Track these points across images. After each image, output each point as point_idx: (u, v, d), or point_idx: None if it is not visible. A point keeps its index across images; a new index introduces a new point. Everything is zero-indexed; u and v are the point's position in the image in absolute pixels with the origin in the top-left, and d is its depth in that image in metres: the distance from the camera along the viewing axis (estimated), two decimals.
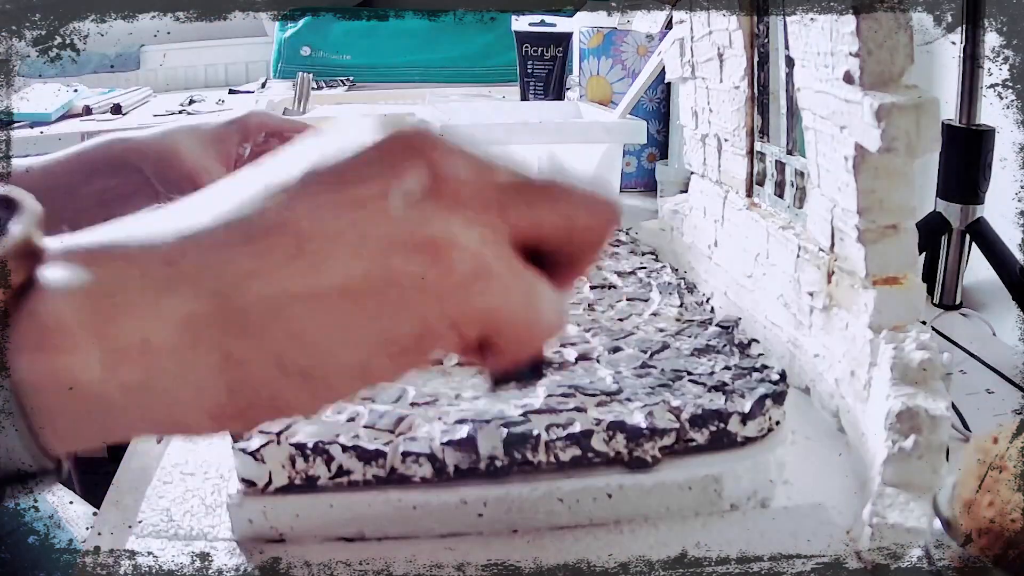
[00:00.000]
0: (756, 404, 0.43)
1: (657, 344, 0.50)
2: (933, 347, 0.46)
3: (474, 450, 0.41)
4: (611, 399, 0.44)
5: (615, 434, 0.42)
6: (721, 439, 0.43)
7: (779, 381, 0.45)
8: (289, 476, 0.41)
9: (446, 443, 0.41)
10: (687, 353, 0.49)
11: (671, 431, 0.42)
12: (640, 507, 0.42)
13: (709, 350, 0.49)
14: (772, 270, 0.62)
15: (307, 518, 0.41)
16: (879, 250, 0.48)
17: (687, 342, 0.50)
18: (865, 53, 0.45)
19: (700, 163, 0.77)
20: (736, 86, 0.67)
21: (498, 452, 0.41)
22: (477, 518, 0.41)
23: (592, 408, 0.43)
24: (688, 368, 0.47)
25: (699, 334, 0.52)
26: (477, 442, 0.41)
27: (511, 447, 0.41)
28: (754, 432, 0.43)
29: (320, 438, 0.41)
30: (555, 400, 0.44)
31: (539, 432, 0.41)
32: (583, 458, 0.42)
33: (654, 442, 0.42)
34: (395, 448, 0.41)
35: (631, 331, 0.52)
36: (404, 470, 0.41)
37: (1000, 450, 0.39)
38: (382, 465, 0.40)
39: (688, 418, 0.42)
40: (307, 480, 0.41)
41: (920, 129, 0.44)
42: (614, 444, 0.42)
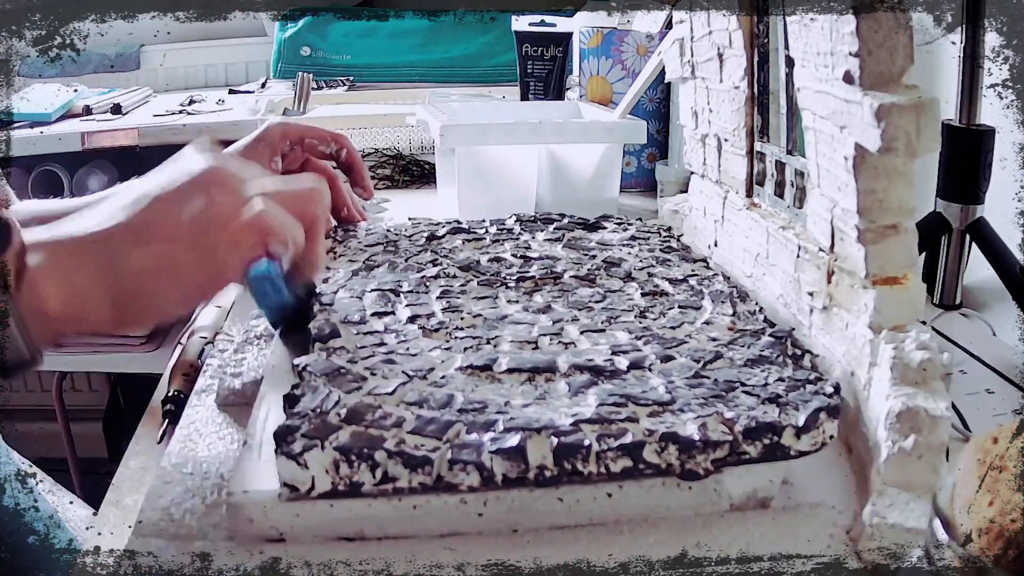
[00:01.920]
0: (811, 417, 0.42)
1: (710, 354, 0.49)
2: (933, 347, 0.46)
3: (523, 459, 0.40)
4: (663, 409, 0.43)
5: (667, 446, 0.41)
6: (774, 452, 0.42)
7: (833, 394, 0.44)
8: (332, 481, 0.40)
9: (495, 451, 0.40)
10: (740, 363, 0.48)
11: (724, 443, 0.41)
12: (640, 507, 0.42)
13: (762, 360, 0.48)
14: (772, 270, 0.62)
15: (307, 518, 0.40)
16: (879, 250, 0.48)
17: (740, 352, 0.49)
18: (865, 53, 0.45)
19: (700, 163, 0.77)
20: (736, 86, 0.67)
21: (548, 462, 0.40)
22: (477, 518, 0.41)
23: (644, 418, 0.42)
24: (741, 379, 0.46)
25: (752, 344, 0.50)
26: (527, 451, 0.40)
27: (561, 457, 0.40)
28: (807, 446, 0.42)
29: (365, 444, 0.40)
30: (607, 410, 0.43)
31: (590, 442, 0.40)
32: (634, 469, 0.41)
33: (707, 454, 0.41)
34: (442, 456, 0.40)
35: (683, 340, 0.51)
36: (451, 478, 0.40)
37: (1000, 450, 0.39)
38: (428, 473, 0.40)
39: (741, 431, 0.41)
40: (351, 486, 0.40)
41: (920, 129, 0.44)
42: (666, 456, 0.41)
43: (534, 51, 1.24)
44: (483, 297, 0.59)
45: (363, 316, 0.54)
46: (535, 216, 0.76)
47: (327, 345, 0.50)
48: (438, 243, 0.69)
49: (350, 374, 0.46)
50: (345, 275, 0.62)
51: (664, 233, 0.73)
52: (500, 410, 0.43)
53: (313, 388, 0.45)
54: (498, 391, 0.45)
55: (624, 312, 0.56)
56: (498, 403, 0.44)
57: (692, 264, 0.65)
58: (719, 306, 0.56)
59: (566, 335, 0.52)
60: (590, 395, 0.44)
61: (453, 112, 1.05)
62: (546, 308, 0.57)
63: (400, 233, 0.72)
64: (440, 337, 0.52)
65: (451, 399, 0.44)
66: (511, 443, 0.40)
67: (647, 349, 0.50)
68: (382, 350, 0.50)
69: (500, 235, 0.71)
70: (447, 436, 0.41)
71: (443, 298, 0.58)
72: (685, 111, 0.78)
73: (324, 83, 1.73)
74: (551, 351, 0.50)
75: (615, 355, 0.49)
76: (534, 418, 0.42)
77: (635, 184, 1.14)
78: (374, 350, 0.50)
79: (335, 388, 0.45)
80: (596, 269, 0.63)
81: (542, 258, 0.66)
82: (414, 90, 1.65)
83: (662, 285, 0.60)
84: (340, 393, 0.44)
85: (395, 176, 1.21)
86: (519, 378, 0.47)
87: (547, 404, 0.44)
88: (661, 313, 0.56)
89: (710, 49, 0.70)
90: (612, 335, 0.52)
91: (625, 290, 0.60)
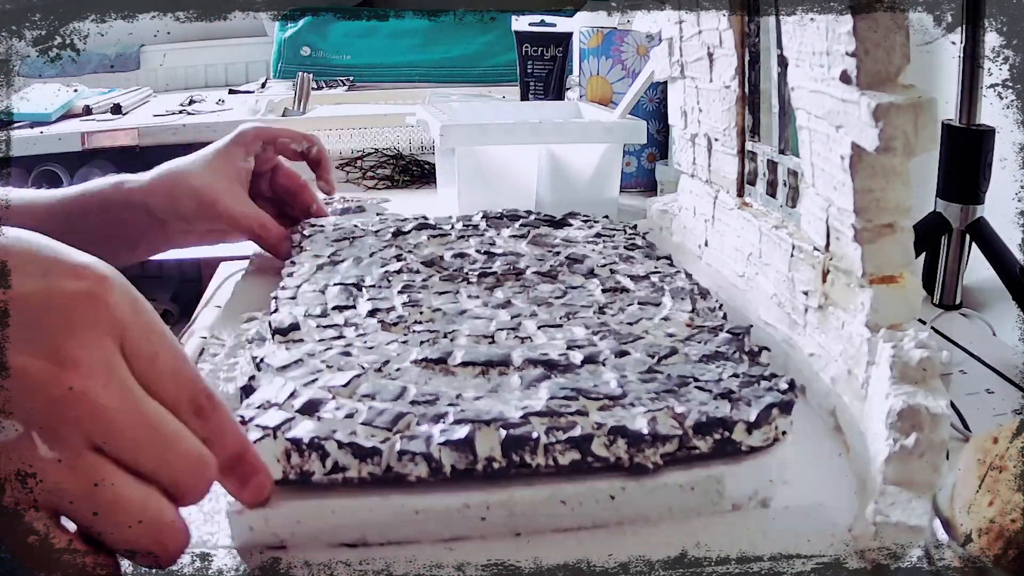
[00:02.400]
0: (762, 413, 0.42)
1: (665, 349, 0.49)
2: (932, 345, 0.46)
3: (472, 451, 0.40)
4: (614, 403, 0.43)
5: (616, 439, 0.41)
6: (725, 447, 0.42)
7: (788, 390, 0.44)
8: (284, 471, 0.40)
9: (443, 443, 0.40)
10: (695, 359, 0.48)
11: (674, 438, 0.41)
12: (642, 508, 0.42)
13: (718, 357, 0.48)
14: (765, 269, 0.62)
15: (308, 524, 0.40)
16: (876, 249, 0.48)
17: (696, 348, 0.49)
18: (862, 53, 0.45)
19: (689, 163, 0.77)
20: (727, 85, 0.67)
21: (496, 454, 0.40)
22: (480, 522, 0.41)
23: (594, 412, 0.42)
24: (695, 374, 0.46)
25: (709, 340, 0.51)
26: (475, 443, 0.40)
27: (509, 449, 0.40)
28: (759, 442, 0.42)
29: (317, 434, 0.40)
30: (557, 403, 0.43)
31: (538, 435, 0.40)
32: (583, 462, 0.41)
33: (656, 448, 0.41)
34: (391, 446, 0.40)
35: (640, 335, 0.52)
36: (400, 469, 0.40)
37: (1000, 450, 0.39)
38: (378, 463, 0.40)
39: (692, 425, 0.41)
40: (302, 475, 0.40)
41: (918, 128, 0.44)
42: (615, 449, 0.41)
43: (534, 51, 1.24)
44: (444, 292, 0.59)
45: (324, 309, 0.55)
46: (501, 213, 0.77)
47: (287, 337, 0.51)
48: (404, 239, 0.70)
49: (306, 366, 0.47)
50: (310, 269, 0.63)
51: (630, 231, 0.73)
52: (452, 402, 0.43)
53: (269, 380, 0.45)
54: (451, 384, 0.46)
55: (583, 308, 0.56)
56: (450, 396, 0.44)
57: (655, 261, 0.66)
58: (679, 303, 0.57)
59: (523, 330, 0.53)
60: (542, 388, 0.44)
61: (453, 112, 1.05)
62: (506, 303, 0.57)
63: (367, 229, 0.73)
64: (398, 331, 0.53)
65: (404, 391, 0.44)
66: (459, 435, 0.40)
67: (603, 344, 0.50)
68: (340, 343, 0.50)
69: (466, 231, 0.72)
70: (397, 427, 0.41)
71: (404, 292, 0.58)
72: (674, 111, 0.78)
73: (324, 83, 1.73)
74: (507, 345, 0.50)
75: (570, 350, 0.49)
76: (484, 410, 0.42)
77: (635, 184, 1.14)
78: (332, 343, 0.50)
79: (291, 380, 0.45)
80: (559, 265, 0.64)
81: (506, 254, 0.66)
82: (414, 90, 1.65)
83: (623, 282, 0.61)
84: (296, 385, 0.44)
85: (395, 176, 1.21)
86: (473, 371, 0.47)
87: (499, 397, 0.44)
88: (620, 309, 0.56)
89: (700, 49, 0.70)
90: (569, 330, 0.53)
91: (586, 286, 0.60)
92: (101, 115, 1.50)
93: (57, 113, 1.46)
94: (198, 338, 0.69)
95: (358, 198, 1.08)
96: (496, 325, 0.53)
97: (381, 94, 1.65)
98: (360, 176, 1.22)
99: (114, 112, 1.51)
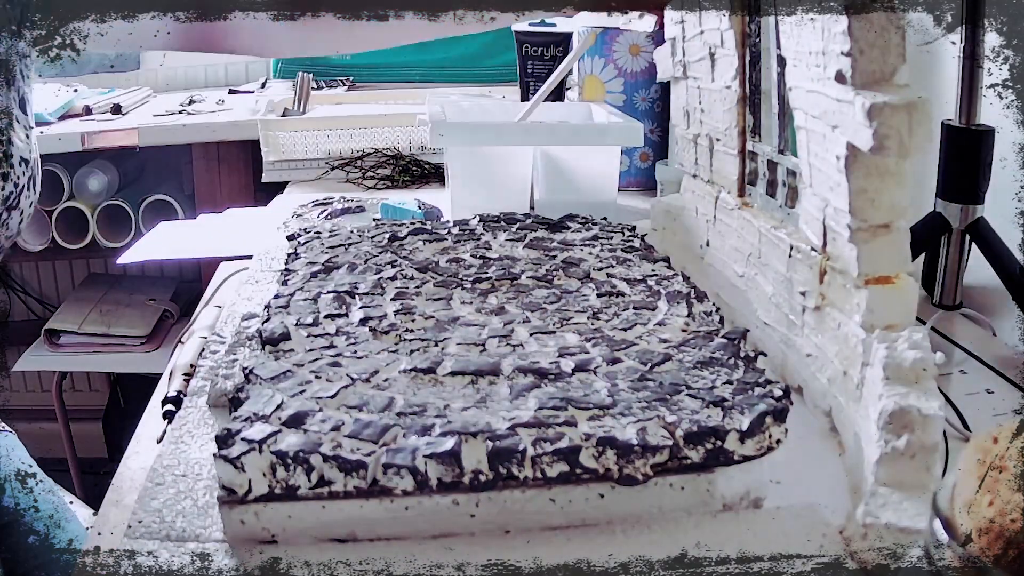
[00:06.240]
0: (755, 421, 0.42)
1: (658, 356, 0.48)
2: (925, 346, 0.46)
3: (458, 464, 0.40)
4: (604, 413, 0.42)
5: (605, 450, 0.40)
6: (717, 457, 0.41)
7: (782, 397, 0.44)
8: (270, 485, 0.40)
9: (429, 456, 0.40)
10: (689, 366, 0.47)
11: (664, 448, 0.40)
12: (632, 507, 0.42)
13: (713, 363, 0.47)
14: (764, 270, 0.62)
15: (299, 520, 0.40)
16: (871, 249, 0.48)
17: (690, 354, 0.49)
18: (857, 52, 0.45)
19: (692, 163, 0.77)
20: (728, 86, 0.67)
21: (483, 466, 0.40)
22: (469, 519, 0.41)
23: (583, 422, 0.42)
24: (688, 382, 0.45)
25: (704, 345, 0.50)
26: (461, 456, 0.40)
27: (496, 461, 0.40)
28: (752, 451, 0.42)
29: (302, 447, 0.40)
30: (545, 413, 0.42)
31: (525, 446, 0.40)
32: (571, 474, 0.40)
33: (646, 459, 0.40)
34: (377, 459, 0.40)
35: (633, 342, 0.51)
36: (386, 482, 0.40)
37: (1000, 450, 0.39)
38: (363, 476, 0.40)
39: (683, 435, 0.41)
40: (287, 489, 0.40)
41: (912, 128, 0.43)
42: (604, 460, 0.40)
43: (534, 51, 1.24)
44: (438, 299, 0.58)
45: (316, 318, 0.55)
46: (499, 216, 0.76)
47: (277, 348, 0.50)
48: (399, 244, 0.69)
49: (295, 377, 0.46)
50: (304, 277, 0.62)
51: (627, 232, 0.72)
52: (439, 413, 0.43)
53: (257, 391, 0.45)
54: (439, 394, 0.45)
55: (578, 313, 0.55)
56: (438, 406, 0.43)
57: (653, 264, 0.65)
58: (674, 307, 0.56)
59: (515, 337, 0.52)
60: (531, 398, 0.44)
61: (463, 112, 1.05)
62: (499, 310, 0.56)
63: (363, 234, 0.72)
64: (390, 339, 0.52)
65: (391, 402, 0.44)
66: (445, 447, 0.40)
67: (595, 351, 0.49)
68: (330, 352, 0.50)
69: (462, 236, 0.71)
70: (383, 440, 0.41)
71: (398, 300, 0.58)
72: (677, 111, 0.78)
73: (324, 83, 1.73)
74: (497, 353, 0.50)
75: (562, 357, 0.48)
76: (471, 421, 0.41)
77: (631, 184, 1.14)
78: (322, 352, 0.50)
79: (279, 391, 0.45)
80: (555, 269, 0.63)
81: (501, 259, 0.65)
82: (414, 90, 1.65)
83: (619, 286, 0.60)
84: (284, 396, 0.44)
85: (395, 176, 1.21)
86: (462, 381, 0.46)
87: (486, 407, 0.43)
88: (615, 314, 0.55)
89: (702, 49, 0.70)
90: (562, 337, 0.52)
91: (581, 291, 0.59)
92: (101, 115, 1.50)
93: (57, 113, 1.46)
94: (198, 337, 0.69)
95: (358, 198, 1.08)
96: (488, 332, 0.52)
97: (381, 94, 1.65)
98: (360, 176, 1.22)
99: (114, 112, 1.51)
